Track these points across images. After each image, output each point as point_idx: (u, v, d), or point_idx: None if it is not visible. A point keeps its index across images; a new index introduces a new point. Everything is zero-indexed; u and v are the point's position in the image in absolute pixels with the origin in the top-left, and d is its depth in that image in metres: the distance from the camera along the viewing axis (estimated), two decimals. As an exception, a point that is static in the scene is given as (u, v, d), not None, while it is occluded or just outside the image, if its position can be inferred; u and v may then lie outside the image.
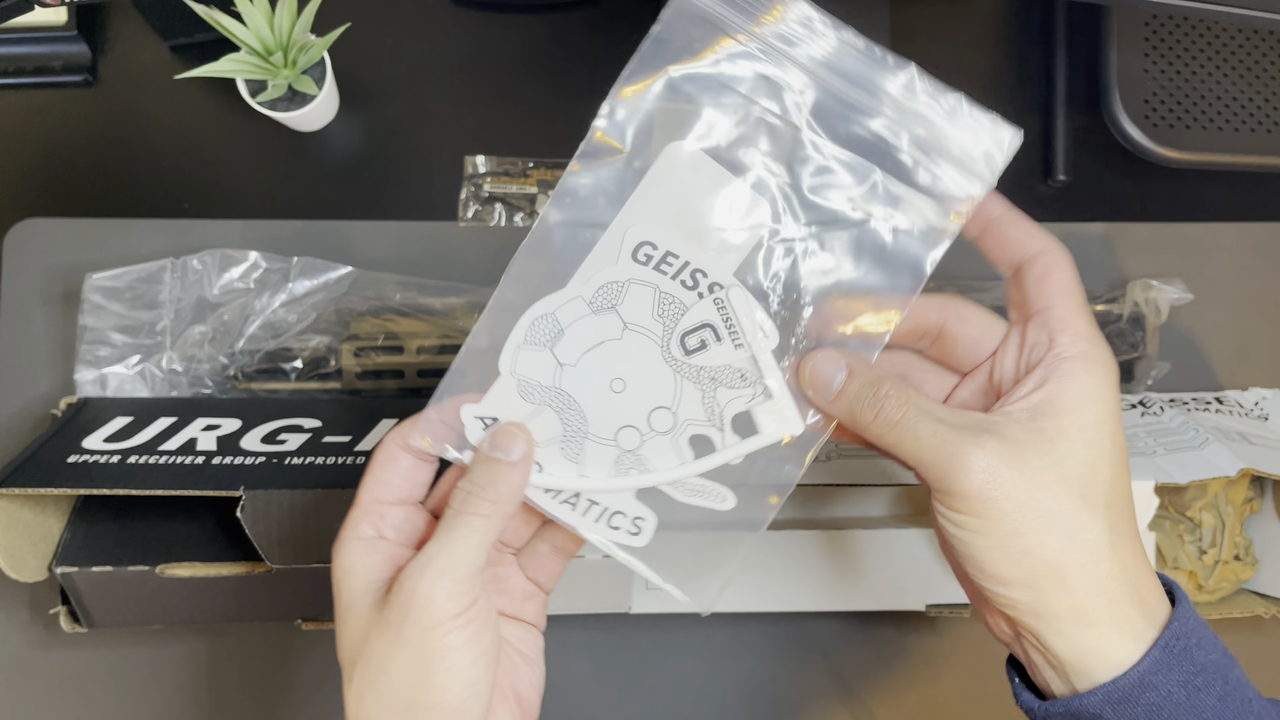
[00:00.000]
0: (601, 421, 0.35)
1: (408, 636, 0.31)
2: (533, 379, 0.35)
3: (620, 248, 0.34)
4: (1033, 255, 0.34)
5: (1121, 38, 0.67)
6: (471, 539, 0.32)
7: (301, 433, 0.53)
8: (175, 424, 0.53)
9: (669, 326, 0.34)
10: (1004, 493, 0.30)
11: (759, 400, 0.34)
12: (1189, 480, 0.50)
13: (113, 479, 0.48)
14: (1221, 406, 0.59)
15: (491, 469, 0.33)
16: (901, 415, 0.32)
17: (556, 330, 0.34)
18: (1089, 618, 0.31)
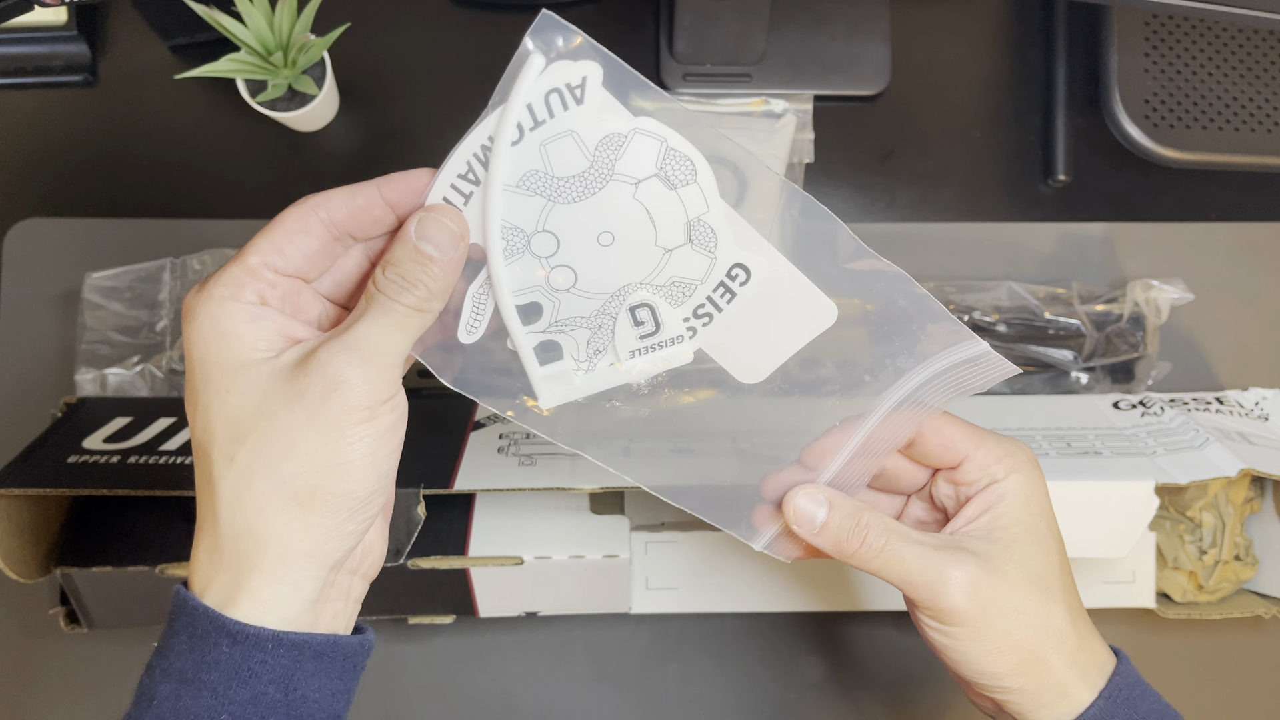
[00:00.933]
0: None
1: (328, 418, 0.29)
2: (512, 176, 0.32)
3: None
4: (915, 428, 0.37)
5: (1122, 38, 0.67)
6: (405, 326, 0.30)
7: None
8: (175, 424, 0.53)
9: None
10: (988, 600, 0.34)
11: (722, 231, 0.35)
12: (1189, 480, 0.50)
13: (112, 480, 0.48)
14: (1222, 406, 0.59)
15: (419, 263, 0.30)
16: (885, 543, 0.35)
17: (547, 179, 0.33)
18: (1066, 688, 0.35)
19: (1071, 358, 0.60)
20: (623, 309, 0.34)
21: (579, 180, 0.32)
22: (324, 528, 0.29)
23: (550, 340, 0.34)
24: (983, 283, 0.62)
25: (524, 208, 0.32)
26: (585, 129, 0.32)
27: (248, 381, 0.29)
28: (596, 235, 0.33)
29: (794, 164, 0.64)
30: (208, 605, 0.29)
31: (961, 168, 0.67)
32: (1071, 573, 0.38)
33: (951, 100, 0.68)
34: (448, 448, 0.51)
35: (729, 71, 0.65)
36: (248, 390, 0.29)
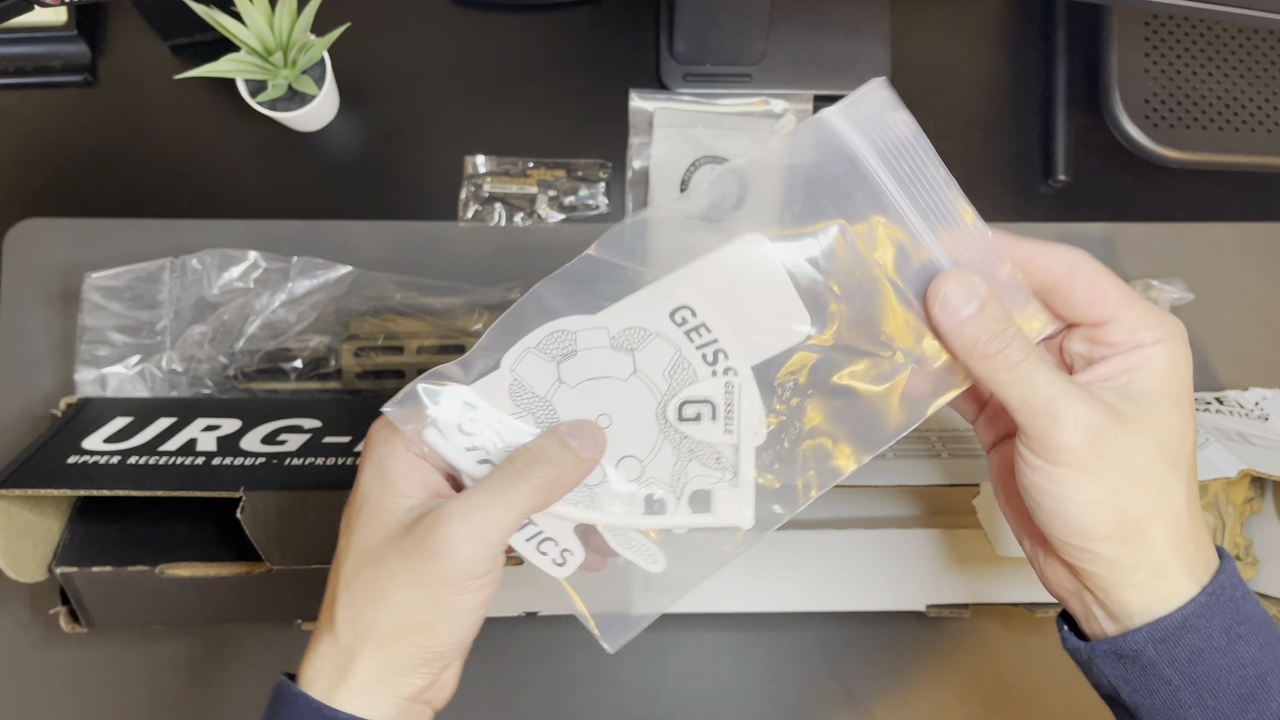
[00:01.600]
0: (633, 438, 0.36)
1: (425, 579, 0.31)
2: (529, 383, 0.35)
3: (662, 301, 0.34)
4: (1066, 270, 0.35)
5: (1122, 38, 0.67)
6: (517, 505, 0.32)
7: (301, 433, 0.53)
8: (175, 424, 0.53)
9: (673, 389, 0.35)
10: (1106, 449, 0.32)
11: (724, 485, 0.35)
12: None
13: (113, 480, 0.48)
14: (1222, 407, 0.59)
15: (563, 452, 0.33)
16: (1023, 358, 0.33)
17: (570, 349, 0.35)
18: (1166, 571, 0.33)
19: (1071, 358, 0.60)
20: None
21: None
22: (402, 668, 0.32)
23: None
24: (983, 283, 0.62)
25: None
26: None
27: (381, 521, 0.33)
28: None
29: (794, 164, 0.64)
30: (308, 694, 0.33)
31: (961, 168, 0.67)
32: (1196, 463, 0.35)
33: (951, 100, 0.68)
34: None
35: (729, 72, 0.65)
36: (379, 529, 0.33)
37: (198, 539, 0.52)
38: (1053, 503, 0.33)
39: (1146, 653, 0.33)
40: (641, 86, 0.65)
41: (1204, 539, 0.34)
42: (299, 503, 0.48)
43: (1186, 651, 0.33)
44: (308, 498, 0.48)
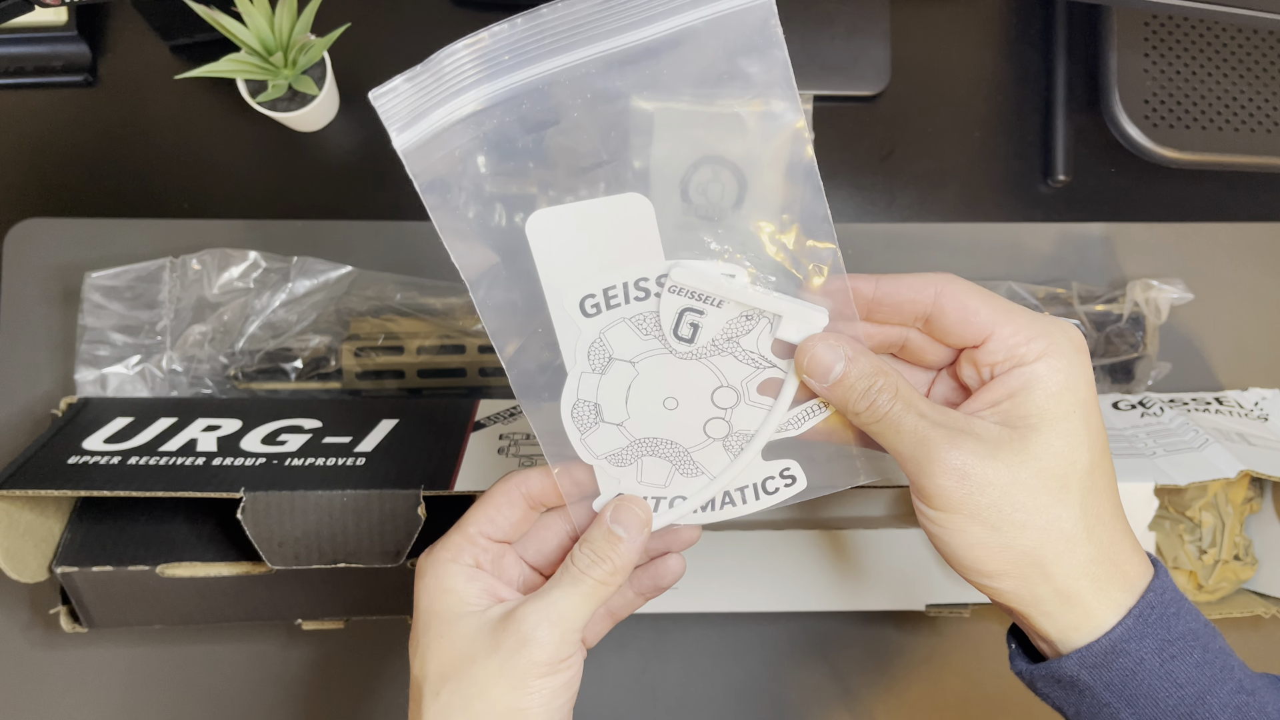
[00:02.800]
0: (687, 432, 0.36)
1: (517, 667, 0.33)
2: (613, 450, 0.36)
3: (570, 316, 0.34)
4: (932, 298, 0.35)
5: (1121, 38, 0.67)
6: (592, 596, 0.35)
7: (302, 433, 0.53)
8: (175, 424, 0.53)
9: (661, 337, 0.35)
10: (978, 489, 0.31)
11: (776, 322, 0.34)
12: (1189, 482, 0.50)
13: (113, 480, 0.48)
14: (1221, 407, 0.59)
15: (611, 542, 0.36)
16: (889, 408, 0.33)
17: (592, 407, 0.36)
18: (1071, 600, 0.32)
19: (1071, 358, 0.60)
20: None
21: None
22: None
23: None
24: (982, 283, 0.62)
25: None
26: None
27: (459, 630, 0.35)
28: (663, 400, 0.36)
29: (794, 164, 0.64)
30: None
31: (961, 168, 0.67)
32: (1113, 481, 0.33)
33: (951, 100, 0.68)
34: (448, 448, 0.51)
35: (729, 71, 0.65)
36: (458, 638, 0.35)
37: (198, 539, 0.52)
38: (942, 545, 0.33)
39: (1081, 678, 0.33)
40: (641, 86, 0.65)
41: (1122, 557, 0.33)
42: (299, 503, 0.48)
43: (1119, 675, 0.32)
44: (308, 498, 0.48)
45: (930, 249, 0.65)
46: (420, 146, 0.32)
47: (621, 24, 0.30)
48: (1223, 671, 0.32)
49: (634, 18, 0.30)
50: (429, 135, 0.32)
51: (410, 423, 0.54)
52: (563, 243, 0.32)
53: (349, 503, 0.48)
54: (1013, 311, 0.34)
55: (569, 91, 0.31)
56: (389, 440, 0.52)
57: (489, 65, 0.32)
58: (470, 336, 0.59)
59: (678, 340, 0.34)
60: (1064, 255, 0.65)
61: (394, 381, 0.59)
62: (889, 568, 0.55)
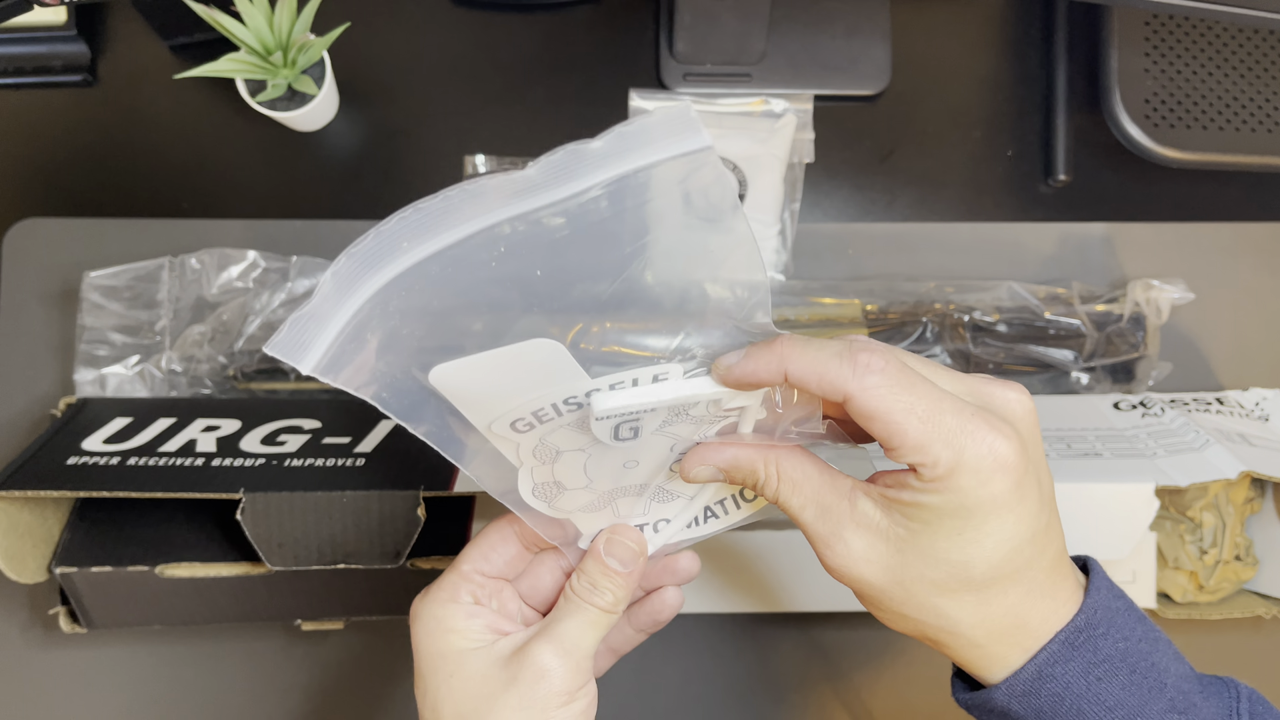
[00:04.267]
0: (655, 474, 0.36)
1: (537, 700, 0.34)
2: (584, 504, 0.36)
3: (504, 436, 0.33)
4: (842, 398, 0.31)
5: (1122, 37, 0.67)
6: (597, 624, 0.36)
7: (301, 434, 0.53)
8: (175, 425, 0.53)
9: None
10: (867, 579, 0.33)
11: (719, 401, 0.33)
12: (1189, 483, 0.50)
13: (112, 481, 0.48)
14: (1222, 407, 0.59)
15: (609, 576, 0.37)
16: (785, 500, 0.35)
17: (553, 485, 0.35)
18: (983, 649, 0.33)
19: (1072, 358, 0.60)
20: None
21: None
22: None
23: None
24: (983, 283, 0.62)
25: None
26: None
27: (469, 668, 0.35)
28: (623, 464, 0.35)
29: (794, 164, 0.64)
30: None
31: (962, 167, 0.67)
32: (1043, 553, 0.32)
33: (952, 100, 0.68)
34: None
35: (729, 71, 0.65)
36: (470, 676, 0.35)
37: (197, 539, 0.52)
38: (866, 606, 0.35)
39: (1011, 708, 0.33)
40: (641, 86, 0.65)
41: (1037, 605, 0.32)
42: (299, 504, 0.48)
43: (1049, 700, 0.32)
44: (308, 499, 0.47)
45: (931, 249, 0.64)
46: (329, 364, 0.31)
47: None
48: (1152, 691, 0.32)
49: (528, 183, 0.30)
50: (333, 351, 0.31)
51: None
52: (478, 385, 0.31)
53: (348, 503, 0.48)
54: (923, 419, 0.30)
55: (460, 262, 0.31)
56: (388, 441, 0.52)
57: (363, 269, 0.32)
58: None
59: (619, 441, 0.33)
60: (1065, 255, 0.65)
61: (394, 382, 0.59)
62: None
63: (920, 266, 0.64)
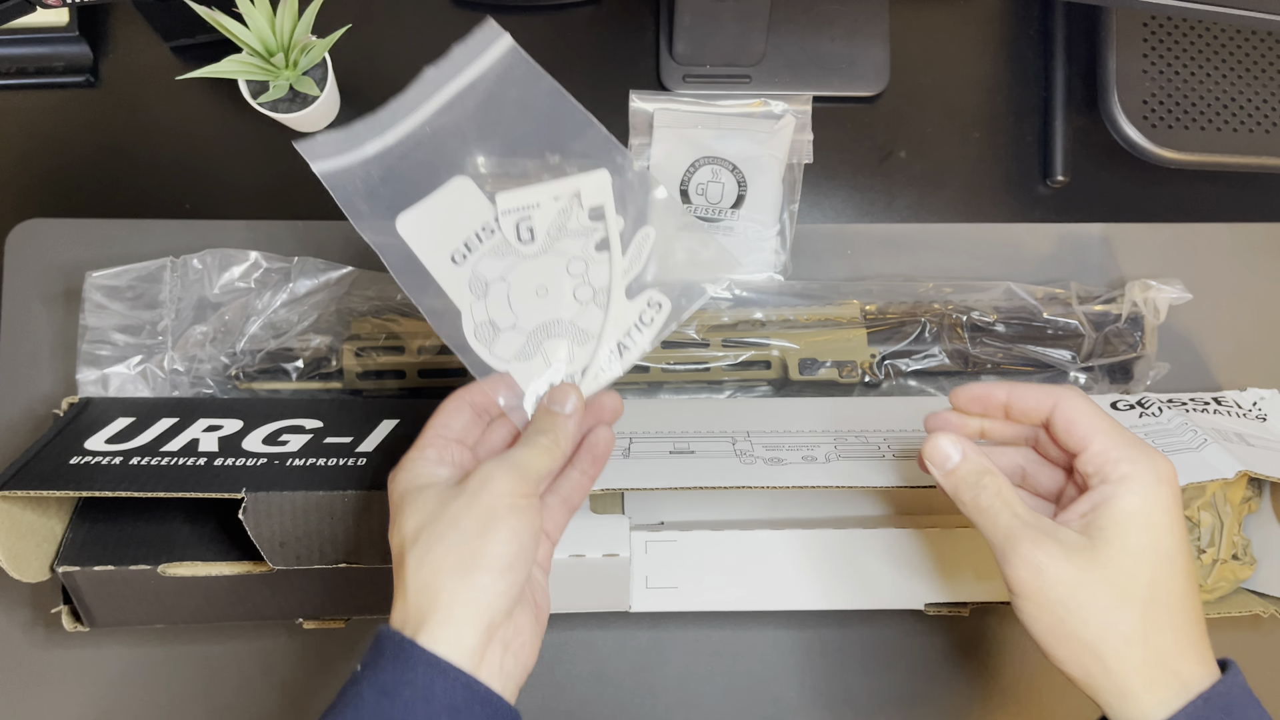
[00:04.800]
0: (564, 306, 0.45)
1: (482, 501, 0.38)
2: (516, 349, 0.45)
3: (447, 270, 0.45)
4: (1050, 408, 0.41)
5: (1120, 39, 0.67)
6: (543, 454, 0.41)
7: (303, 433, 0.53)
8: (177, 424, 0.53)
9: (512, 251, 0.45)
10: (1050, 584, 0.37)
11: (582, 196, 0.45)
12: (1187, 482, 0.50)
13: (115, 481, 0.48)
14: (1220, 407, 0.60)
15: (551, 418, 0.42)
16: (989, 503, 0.40)
17: (488, 324, 0.45)
18: (1127, 695, 0.36)
19: (1070, 358, 0.61)
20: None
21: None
22: (480, 585, 0.37)
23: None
24: (981, 283, 0.62)
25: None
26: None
27: (430, 495, 0.39)
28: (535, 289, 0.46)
29: (793, 165, 0.65)
30: (410, 637, 0.36)
31: (960, 168, 0.68)
32: (1184, 597, 0.38)
33: (950, 101, 0.68)
34: None
35: (728, 73, 0.65)
36: (430, 499, 0.39)
37: (199, 539, 0.52)
38: (1024, 625, 0.38)
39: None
40: (641, 87, 0.66)
41: (1180, 664, 0.37)
42: (301, 503, 0.48)
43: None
44: (310, 498, 0.48)
45: (929, 249, 0.65)
46: (335, 173, 0.47)
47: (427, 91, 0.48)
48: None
49: (430, 89, 0.48)
50: (340, 167, 0.47)
51: (411, 422, 0.54)
52: (425, 226, 0.45)
53: (350, 503, 0.48)
54: (1110, 433, 0.39)
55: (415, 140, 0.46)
56: (390, 440, 0.52)
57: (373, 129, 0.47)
58: (471, 337, 0.59)
59: (523, 244, 0.45)
60: (1063, 255, 0.65)
61: (395, 381, 0.59)
62: (888, 567, 0.55)
63: (919, 267, 0.64)
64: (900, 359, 0.60)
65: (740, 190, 0.63)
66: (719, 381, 0.60)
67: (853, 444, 0.52)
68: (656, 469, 0.50)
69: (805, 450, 0.51)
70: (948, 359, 0.60)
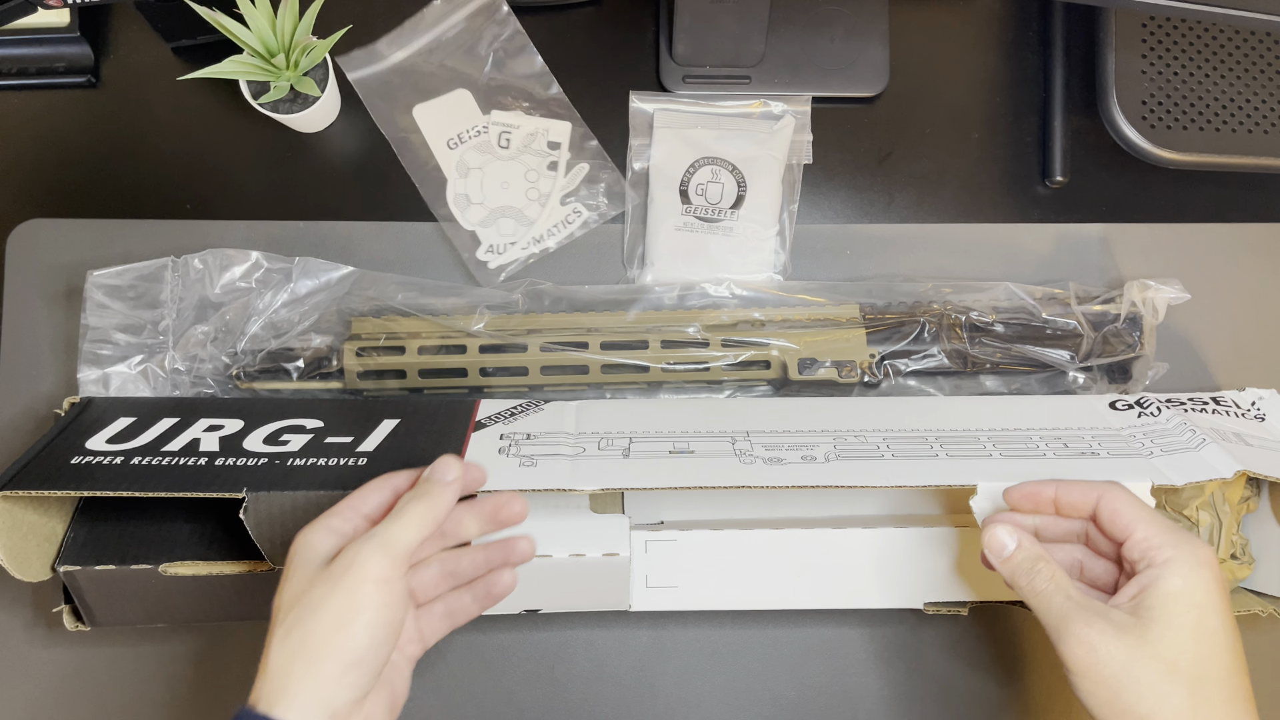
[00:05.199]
0: (518, 197, 0.64)
1: (344, 586, 0.39)
2: (480, 219, 0.63)
3: (445, 151, 0.64)
4: (1095, 501, 0.44)
5: (1119, 39, 0.67)
6: (411, 524, 0.41)
7: (304, 433, 0.53)
8: (178, 424, 0.53)
9: (492, 150, 0.64)
10: (1102, 661, 0.39)
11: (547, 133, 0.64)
12: (1185, 482, 0.50)
13: (116, 481, 0.48)
14: (1219, 407, 0.60)
15: (429, 485, 0.43)
16: (1044, 587, 0.42)
17: (464, 196, 0.64)
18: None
19: (1069, 358, 0.61)
20: None
21: None
22: (327, 676, 0.38)
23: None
24: (980, 283, 0.63)
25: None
26: None
27: (307, 571, 0.40)
28: None
29: (792, 165, 0.65)
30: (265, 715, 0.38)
31: (959, 169, 0.68)
32: (1233, 676, 0.40)
33: (949, 102, 0.68)
34: (449, 448, 0.51)
35: (728, 73, 0.66)
36: (305, 576, 0.40)
37: (200, 538, 0.52)
38: (1080, 699, 0.40)
39: None
40: (641, 88, 0.66)
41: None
42: (301, 503, 0.48)
43: None
44: (310, 498, 0.48)
45: (928, 250, 0.65)
46: (363, 79, 0.64)
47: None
48: None
49: (440, 15, 0.66)
50: (367, 74, 0.64)
51: (411, 422, 0.54)
52: (434, 117, 0.64)
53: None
54: (1152, 521, 0.42)
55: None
56: (390, 440, 0.52)
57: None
58: (471, 336, 0.59)
59: (500, 149, 0.64)
60: (1061, 256, 0.65)
61: (395, 381, 0.59)
62: (886, 566, 0.55)
63: (918, 267, 0.65)
64: (899, 359, 0.60)
65: (740, 190, 0.64)
66: (719, 381, 0.60)
67: (852, 444, 0.52)
68: (656, 469, 0.50)
69: (805, 450, 0.52)
70: (947, 359, 0.60)
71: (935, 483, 0.49)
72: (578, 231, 0.63)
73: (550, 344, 0.58)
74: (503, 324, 0.60)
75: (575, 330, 0.60)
